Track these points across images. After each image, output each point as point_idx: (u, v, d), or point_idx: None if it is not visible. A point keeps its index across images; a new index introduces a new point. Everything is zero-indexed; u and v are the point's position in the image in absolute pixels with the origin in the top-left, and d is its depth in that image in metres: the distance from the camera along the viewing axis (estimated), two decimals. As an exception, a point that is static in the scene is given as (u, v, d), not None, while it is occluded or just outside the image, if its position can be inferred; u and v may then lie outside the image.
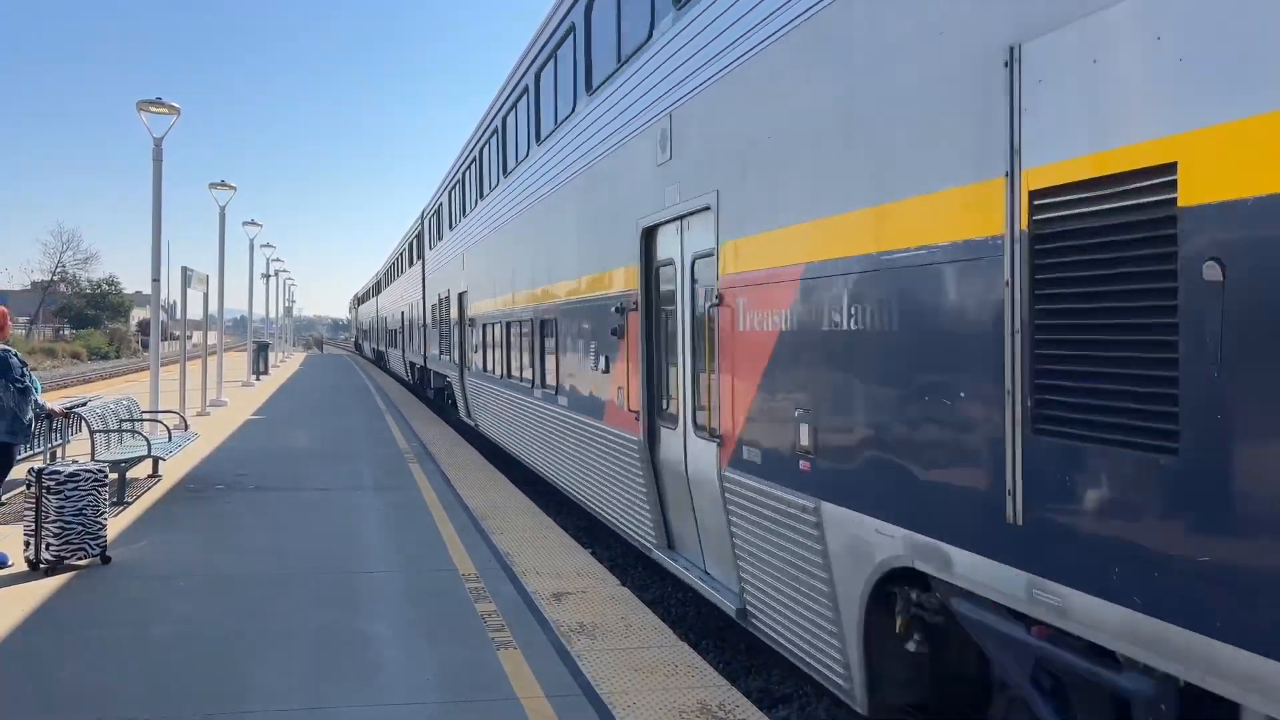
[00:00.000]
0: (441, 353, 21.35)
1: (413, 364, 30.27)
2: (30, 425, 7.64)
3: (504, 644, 5.81)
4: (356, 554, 8.14)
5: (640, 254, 7.50)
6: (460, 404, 18.82)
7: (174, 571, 7.44)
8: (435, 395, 25.21)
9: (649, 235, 7.42)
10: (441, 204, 21.85)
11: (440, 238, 22.36)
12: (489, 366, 14.95)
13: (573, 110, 9.60)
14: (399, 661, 5.52)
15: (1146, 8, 2.92)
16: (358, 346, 78.70)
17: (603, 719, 4.74)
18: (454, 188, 19.69)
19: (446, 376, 21.16)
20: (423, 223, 26.43)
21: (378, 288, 51.08)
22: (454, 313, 19.06)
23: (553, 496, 12.53)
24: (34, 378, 7.78)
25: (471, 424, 17.72)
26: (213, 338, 26.33)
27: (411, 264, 30.54)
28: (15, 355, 7.61)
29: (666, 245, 7.15)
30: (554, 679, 5.25)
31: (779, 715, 6.03)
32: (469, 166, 17.35)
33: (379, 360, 51.74)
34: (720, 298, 5.94)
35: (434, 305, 22.98)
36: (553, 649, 5.75)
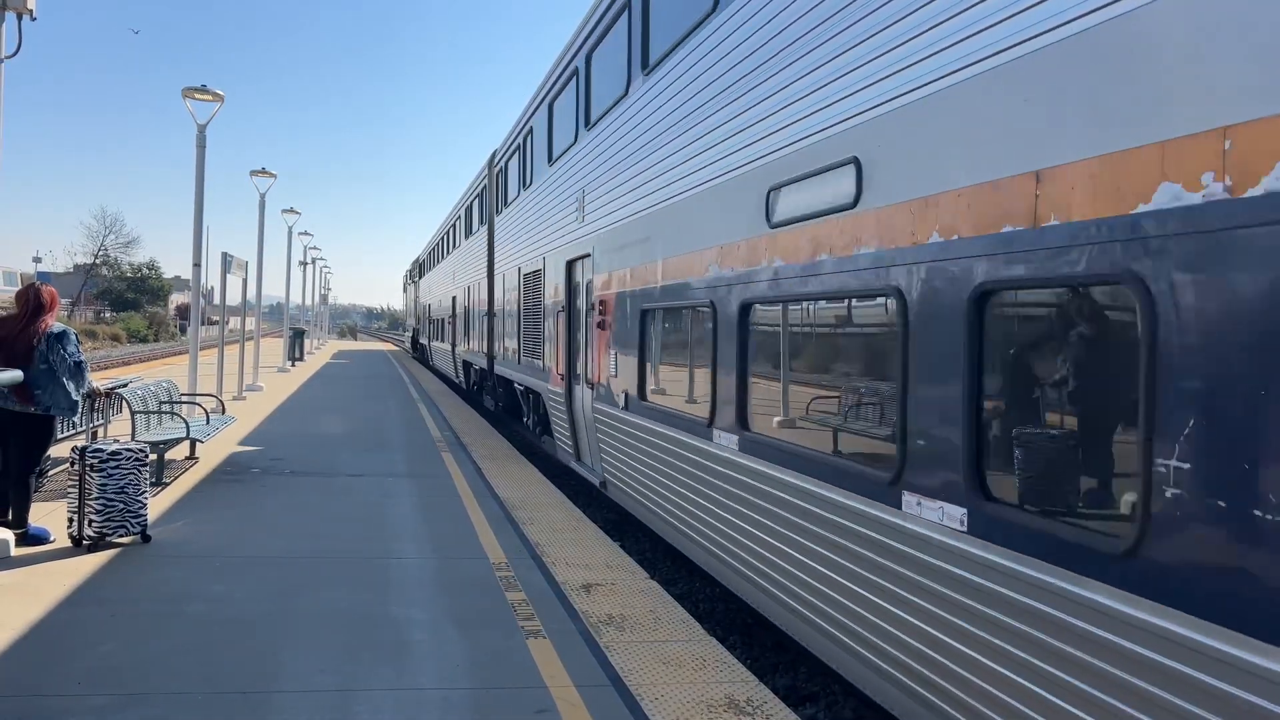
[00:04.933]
0: None
1: None
2: (78, 403, 7.80)
3: (533, 633, 5.86)
4: (388, 539, 8.23)
5: None
6: None
7: (211, 552, 7.57)
8: None
9: None
10: None
11: None
12: None
13: None
14: (429, 647, 5.58)
15: None
16: (417, 345, 49.23)
17: (631, 710, 4.77)
18: None
19: None
20: None
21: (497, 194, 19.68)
22: None
23: (582, 489, 12.59)
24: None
25: None
26: (250, 323, 26.66)
27: None
28: (73, 332, 7.79)
29: None
30: (583, 669, 5.29)
31: (806, 713, 6.03)
32: None
33: (481, 386, 23.12)
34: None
35: None
36: (582, 639, 5.78)
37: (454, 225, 28.01)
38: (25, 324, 7.57)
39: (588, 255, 10.78)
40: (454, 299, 27.15)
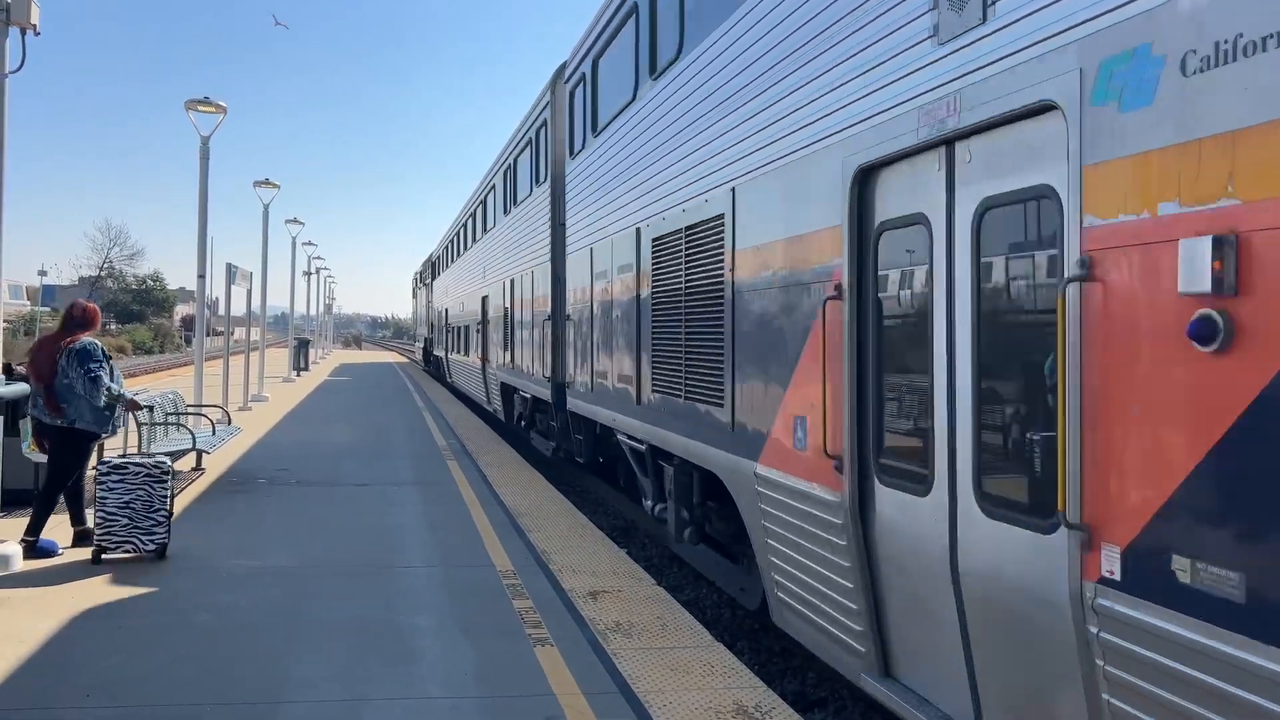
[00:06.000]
0: None
1: None
2: (106, 417, 7.85)
3: (541, 640, 5.85)
4: (395, 548, 8.24)
5: None
6: None
7: (218, 562, 7.57)
8: None
9: None
10: None
11: None
12: None
13: None
14: (437, 655, 5.58)
15: None
16: (430, 358, 40.75)
17: (639, 717, 4.76)
18: None
19: None
20: None
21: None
22: None
23: (588, 494, 12.59)
24: (117, 371, 8.05)
25: None
26: (255, 334, 26.73)
27: None
28: (99, 348, 7.83)
29: None
30: (590, 676, 5.28)
31: (815, 718, 6.02)
32: None
33: (531, 423, 15.24)
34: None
35: None
36: (589, 646, 5.78)
37: (484, 201, 20.72)
38: (58, 339, 7.81)
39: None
40: (484, 299, 20.34)
